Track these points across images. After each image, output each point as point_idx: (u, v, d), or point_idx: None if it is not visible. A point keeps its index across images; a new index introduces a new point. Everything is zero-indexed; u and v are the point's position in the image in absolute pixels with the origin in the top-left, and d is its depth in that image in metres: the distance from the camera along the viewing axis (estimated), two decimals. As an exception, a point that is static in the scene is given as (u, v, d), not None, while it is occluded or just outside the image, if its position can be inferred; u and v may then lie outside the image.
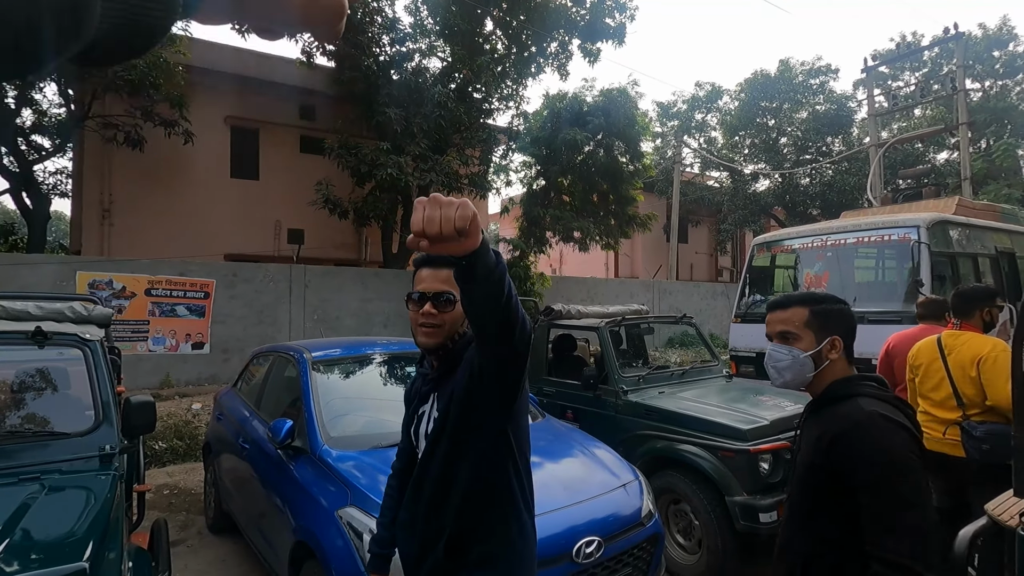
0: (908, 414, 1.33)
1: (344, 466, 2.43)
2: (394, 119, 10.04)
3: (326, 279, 9.90)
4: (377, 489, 2.26)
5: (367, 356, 3.52)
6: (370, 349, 3.65)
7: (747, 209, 19.90)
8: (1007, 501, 1.71)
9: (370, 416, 3.00)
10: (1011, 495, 1.67)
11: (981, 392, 2.72)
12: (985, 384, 2.70)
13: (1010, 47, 23.59)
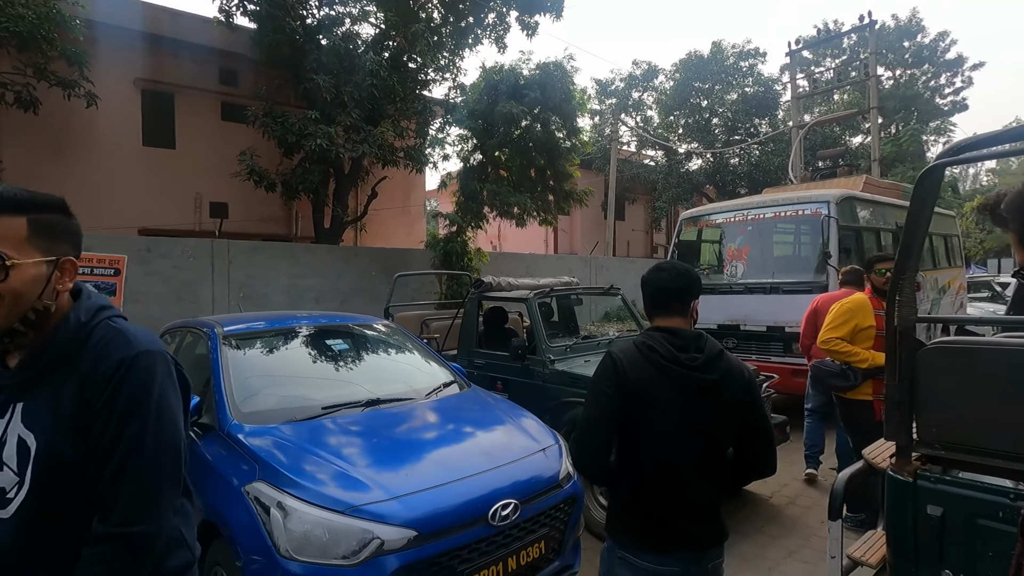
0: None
1: (254, 441, 2.33)
2: (323, 87, 9.58)
3: (252, 255, 9.43)
4: (289, 463, 2.19)
5: (288, 329, 3.38)
6: (293, 322, 3.51)
7: (681, 187, 20.54)
8: (882, 446, 1.86)
9: (287, 390, 2.90)
10: (883, 440, 1.81)
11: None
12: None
13: (918, 38, 25.30)
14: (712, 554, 1.59)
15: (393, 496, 2.05)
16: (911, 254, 1.59)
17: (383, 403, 2.81)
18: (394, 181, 12.87)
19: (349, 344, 3.37)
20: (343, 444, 2.39)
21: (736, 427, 1.57)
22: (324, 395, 2.82)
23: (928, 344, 1.60)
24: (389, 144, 10.74)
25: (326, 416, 2.62)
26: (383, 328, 3.72)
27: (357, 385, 2.98)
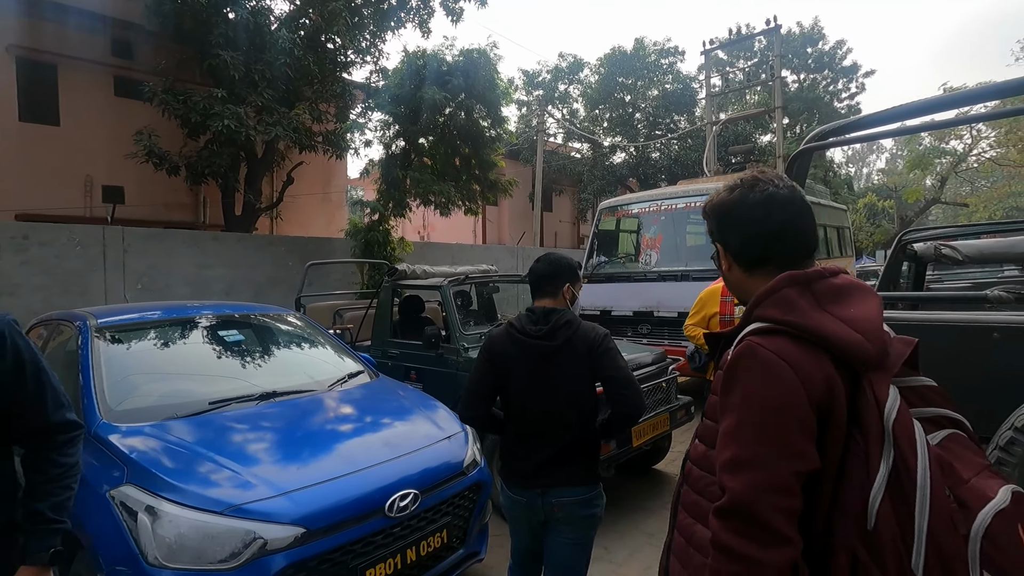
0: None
1: (126, 442, 2.13)
2: (230, 64, 8.95)
3: (152, 243, 8.70)
4: (163, 464, 2.01)
5: (175, 320, 3.12)
6: (182, 312, 3.24)
7: (605, 180, 21.06)
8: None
9: (171, 385, 2.67)
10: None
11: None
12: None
13: (820, 45, 27.25)
14: (556, 492, 1.89)
15: (280, 492, 1.93)
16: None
17: (279, 396, 2.65)
18: (313, 167, 12.31)
19: (246, 335, 3.16)
20: (229, 440, 2.23)
21: (587, 381, 1.93)
22: (213, 389, 2.62)
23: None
24: (306, 128, 10.23)
25: (213, 411, 2.44)
26: (286, 318, 3.52)
27: (252, 378, 2.80)
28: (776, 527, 0.84)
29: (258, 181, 10.89)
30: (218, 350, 3.00)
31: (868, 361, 0.88)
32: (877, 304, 0.95)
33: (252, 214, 10.84)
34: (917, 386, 0.92)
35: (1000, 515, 0.78)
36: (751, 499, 0.85)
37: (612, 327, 6.31)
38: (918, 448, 0.81)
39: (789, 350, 0.89)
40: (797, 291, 0.94)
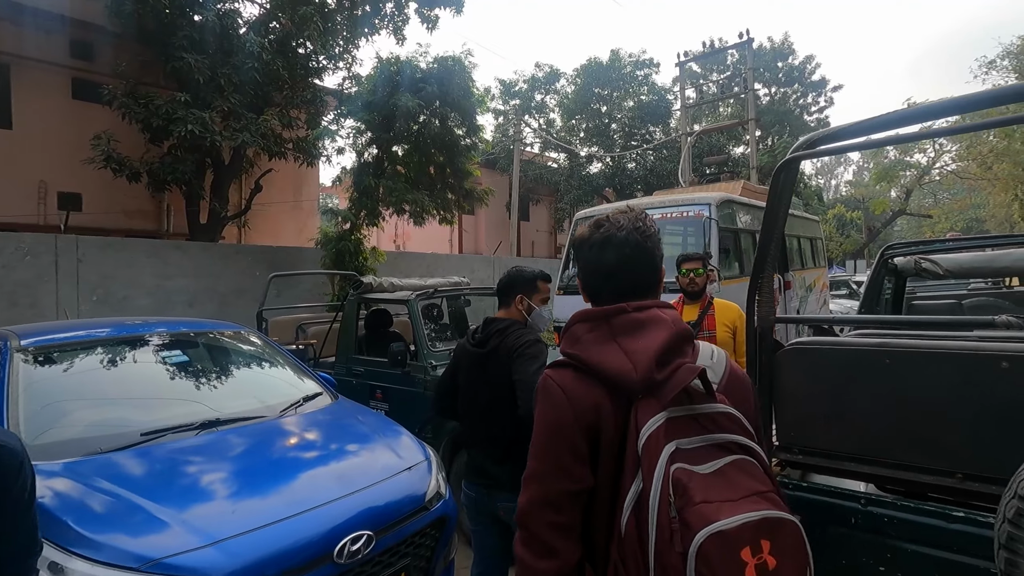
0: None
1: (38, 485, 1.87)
2: (195, 67, 8.63)
3: (108, 252, 8.30)
4: (77, 511, 1.77)
5: (113, 339, 2.85)
6: (121, 331, 2.98)
7: (582, 189, 21.08)
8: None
9: (102, 414, 2.42)
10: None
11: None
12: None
13: (790, 60, 27.90)
14: (501, 496, 2.01)
15: (211, 541, 1.70)
16: (769, 252, 1.53)
17: (224, 424, 2.41)
18: (283, 175, 11.98)
19: (191, 356, 2.91)
20: (160, 479, 1.99)
21: (508, 386, 2.02)
22: (149, 418, 2.37)
23: (786, 345, 1.54)
24: (276, 134, 9.93)
25: (146, 444, 2.19)
26: (238, 336, 3.27)
27: (195, 404, 2.56)
28: (544, 539, 0.95)
29: (225, 188, 10.53)
30: (159, 373, 2.74)
31: (633, 389, 0.95)
32: (664, 336, 0.99)
33: (218, 223, 10.47)
34: (711, 413, 0.95)
35: (716, 537, 0.83)
36: (527, 512, 0.98)
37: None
38: (655, 471, 0.88)
39: (567, 380, 1.00)
40: (587, 326, 1.04)
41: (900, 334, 1.50)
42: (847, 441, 1.45)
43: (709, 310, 3.14)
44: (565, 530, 0.95)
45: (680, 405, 0.93)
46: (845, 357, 1.44)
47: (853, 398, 1.43)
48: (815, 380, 1.49)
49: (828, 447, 1.48)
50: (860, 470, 1.43)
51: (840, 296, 13.85)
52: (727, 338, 3.09)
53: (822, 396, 1.48)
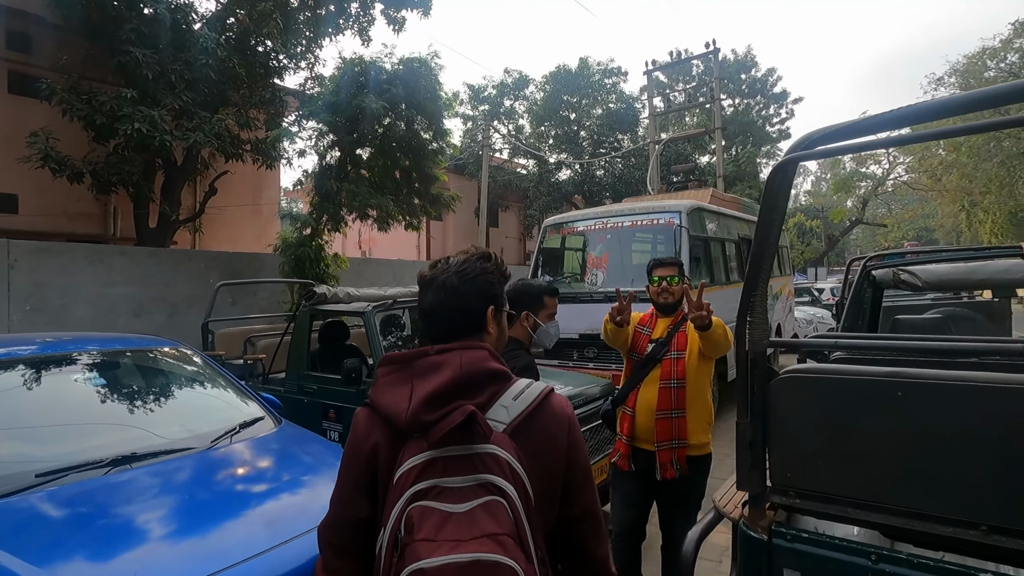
0: None
1: None
2: (142, 62, 8.14)
3: (43, 257, 7.71)
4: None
5: (11, 361, 2.48)
6: (23, 350, 2.61)
7: (551, 196, 21.02)
8: (731, 489, 1.62)
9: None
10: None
11: None
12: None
13: (752, 72, 28.59)
14: None
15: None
16: (763, 266, 1.34)
17: (141, 459, 2.10)
18: (242, 178, 11.48)
19: (113, 378, 2.57)
20: (51, 534, 1.67)
21: None
22: (51, 453, 2.04)
23: (781, 373, 1.35)
24: (232, 135, 9.48)
25: (42, 488, 1.86)
26: (167, 353, 2.93)
27: (110, 435, 2.23)
28: (325, 556, 1.09)
29: (176, 191, 9.99)
30: (71, 399, 2.39)
31: (401, 429, 1.01)
32: (445, 378, 1.03)
33: (169, 227, 9.91)
34: (480, 453, 0.98)
35: (416, 573, 0.89)
36: (319, 531, 1.11)
37: (557, 351, 5.97)
38: (395, 508, 0.96)
39: (361, 418, 1.10)
40: (387, 369, 1.09)
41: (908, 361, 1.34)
42: (851, 484, 1.26)
43: (682, 326, 2.61)
44: (340, 551, 1.07)
45: (458, 444, 0.98)
46: (850, 388, 1.26)
47: (859, 435, 1.25)
48: (815, 413, 1.30)
49: (829, 490, 1.29)
50: (867, 518, 1.24)
51: (803, 303, 14.07)
52: (701, 361, 2.56)
53: (823, 432, 1.29)
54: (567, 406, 1.12)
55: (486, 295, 1.17)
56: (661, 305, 2.69)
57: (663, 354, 2.57)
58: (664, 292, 2.66)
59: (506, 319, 1.25)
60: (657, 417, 2.49)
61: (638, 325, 2.70)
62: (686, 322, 2.57)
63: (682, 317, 2.65)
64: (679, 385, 2.51)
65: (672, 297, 2.66)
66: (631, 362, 2.69)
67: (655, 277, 2.69)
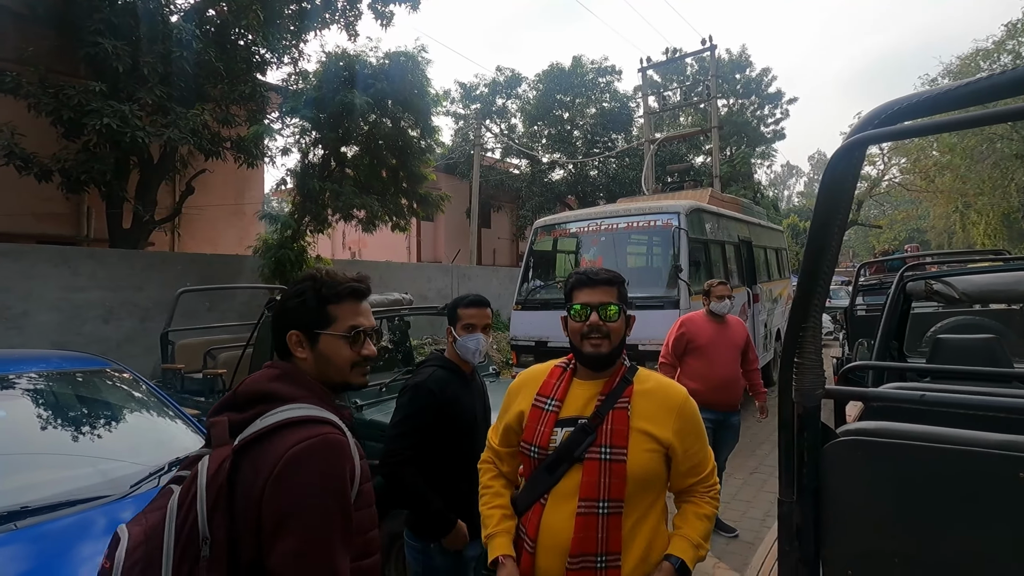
0: None
1: None
2: (112, 53, 7.71)
3: (3, 261, 7.29)
4: None
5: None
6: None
7: (544, 196, 20.68)
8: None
9: None
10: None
11: None
12: None
13: (747, 72, 28.38)
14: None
15: None
16: (817, 284, 0.97)
17: (35, 515, 1.71)
18: (223, 177, 11.05)
19: (15, 409, 2.17)
20: None
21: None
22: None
23: (839, 433, 0.99)
24: (211, 131, 9.05)
25: None
26: (92, 374, 2.53)
27: (3, 482, 1.84)
28: None
29: (152, 191, 9.55)
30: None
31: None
32: (226, 397, 1.20)
33: (143, 228, 9.46)
34: (201, 455, 1.10)
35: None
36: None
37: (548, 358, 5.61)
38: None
39: None
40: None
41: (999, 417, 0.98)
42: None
43: (622, 396, 1.52)
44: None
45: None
46: (944, 462, 0.89)
47: (956, 531, 0.89)
48: (890, 495, 0.94)
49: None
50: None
51: (801, 306, 13.78)
52: (651, 465, 1.47)
53: (902, 522, 0.93)
54: (296, 445, 1.02)
55: (290, 320, 1.23)
56: (588, 356, 1.55)
57: (585, 449, 1.47)
58: (595, 333, 1.53)
59: (331, 341, 1.21)
60: (570, 567, 1.41)
61: (539, 394, 1.60)
62: (630, 387, 1.53)
63: (621, 379, 1.55)
64: (611, 510, 1.41)
65: (607, 344, 1.53)
66: (528, 460, 1.58)
67: (577, 305, 1.56)
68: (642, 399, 1.51)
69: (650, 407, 1.50)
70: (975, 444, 0.87)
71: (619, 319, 1.55)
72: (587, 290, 1.57)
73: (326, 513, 0.99)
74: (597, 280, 1.57)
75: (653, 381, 1.57)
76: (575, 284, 1.60)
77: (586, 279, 1.58)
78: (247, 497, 1.00)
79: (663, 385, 1.57)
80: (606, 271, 1.60)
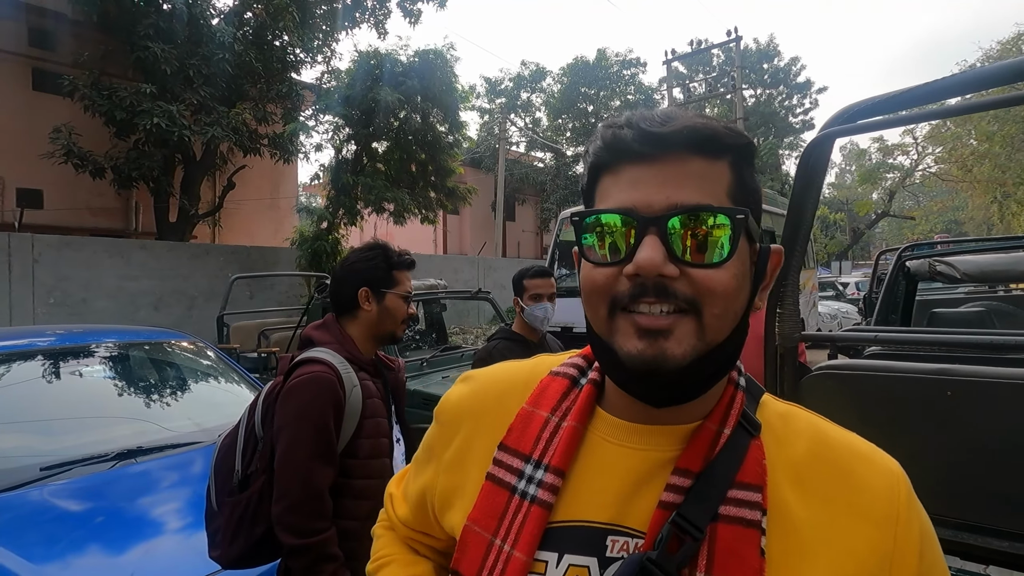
0: None
1: None
2: (161, 57, 8.20)
3: (65, 251, 7.83)
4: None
5: (19, 353, 2.47)
6: (31, 341, 2.60)
7: (568, 189, 20.84)
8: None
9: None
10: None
11: None
12: None
13: (775, 61, 27.95)
14: None
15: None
16: (795, 250, 1.23)
17: (147, 453, 2.06)
18: (259, 172, 11.55)
19: (123, 370, 2.54)
20: (53, 530, 1.64)
21: None
22: (57, 447, 2.02)
23: (814, 369, 1.24)
24: (250, 129, 9.52)
25: (45, 481, 1.83)
26: (176, 346, 2.91)
27: (117, 428, 2.20)
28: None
29: (196, 186, 10.09)
30: (79, 391, 2.38)
31: None
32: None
33: (188, 221, 10.01)
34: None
35: None
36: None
37: (574, 346, 5.85)
38: None
39: None
40: None
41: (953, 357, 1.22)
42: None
43: (740, 485, 0.49)
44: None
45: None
46: (893, 386, 1.14)
47: (902, 438, 1.13)
48: (851, 415, 1.19)
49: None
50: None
51: (828, 298, 13.73)
52: None
53: (862, 435, 1.18)
54: (296, 378, 1.34)
55: (362, 279, 1.50)
56: (635, 364, 0.47)
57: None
58: (647, 296, 0.48)
59: (394, 299, 1.53)
60: None
61: (505, 446, 0.56)
62: (754, 455, 0.50)
63: (735, 428, 0.52)
64: None
65: (690, 331, 0.47)
66: None
67: (608, 216, 0.49)
68: (791, 482, 0.50)
69: (818, 514, 0.49)
70: (914, 372, 1.12)
71: (730, 257, 0.47)
72: (636, 168, 0.49)
73: (302, 431, 1.29)
74: (665, 139, 0.47)
75: (810, 429, 0.55)
76: (606, 149, 0.51)
77: (632, 135, 0.49)
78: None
79: (845, 446, 0.55)
80: (695, 117, 0.49)
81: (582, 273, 0.50)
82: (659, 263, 0.44)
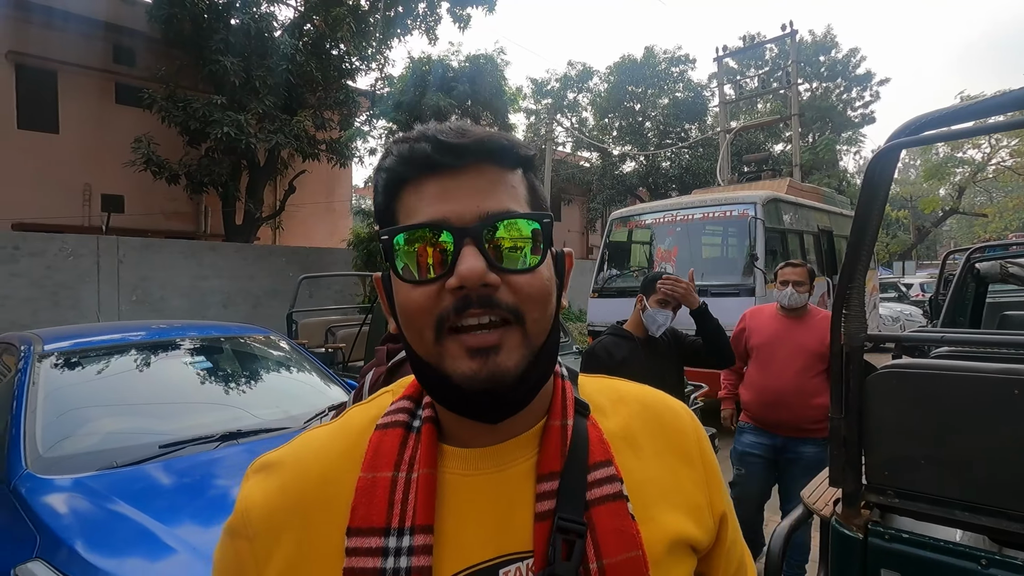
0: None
1: (47, 500, 1.77)
2: (230, 70, 8.74)
3: (147, 253, 8.45)
4: (85, 532, 1.65)
5: (133, 345, 2.77)
6: (142, 335, 2.90)
7: (615, 189, 20.71)
8: (820, 486, 1.58)
9: (121, 424, 2.32)
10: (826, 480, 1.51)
11: None
12: None
13: (832, 53, 26.84)
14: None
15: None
16: (860, 255, 1.29)
17: (245, 436, 2.29)
18: (317, 176, 12.08)
19: (213, 362, 2.81)
20: (174, 498, 1.87)
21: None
22: (169, 428, 2.27)
23: (879, 368, 1.30)
24: (309, 135, 10.00)
25: (163, 458, 2.07)
26: (261, 340, 3.17)
27: (216, 413, 2.45)
28: None
29: (259, 190, 10.67)
30: (182, 380, 2.65)
31: None
32: None
33: (253, 223, 10.60)
34: None
35: None
36: None
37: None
38: None
39: None
40: None
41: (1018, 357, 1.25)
42: (959, 486, 1.20)
43: (599, 464, 0.53)
44: None
45: None
46: (959, 386, 1.19)
47: (969, 437, 1.18)
48: (917, 412, 1.25)
49: (932, 491, 1.24)
50: (978, 521, 1.18)
51: (889, 299, 13.16)
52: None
53: (926, 432, 1.23)
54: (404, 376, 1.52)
55: None
56: (465, 384, 0.48)
57: None
58: (472, 306, 0.47)
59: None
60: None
61: (356, 529, 0.49)
62: (594, 434, 0.56)
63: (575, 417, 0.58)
64: None
65: (517, 338, 0.49)
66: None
67: (407, 235, 0.51)
68: (626, 447, 0.57)
69: (652, 466, 0.58)
70: (981, 372, 1.16)
71: (542, 261, 0.51)
72: (440, 180, 0.49)
73: None
74: (467, 149, 0.49)
75: (608, 391, 0.63)
76: (405, 163, 0.50)
77: (430, 147, 0.49)
78: None
79: (633, 396, 0.63)
80: (487, 130, 0.54)
81: (399, 297, 0.49)
82: (481, 272, 0.45)
